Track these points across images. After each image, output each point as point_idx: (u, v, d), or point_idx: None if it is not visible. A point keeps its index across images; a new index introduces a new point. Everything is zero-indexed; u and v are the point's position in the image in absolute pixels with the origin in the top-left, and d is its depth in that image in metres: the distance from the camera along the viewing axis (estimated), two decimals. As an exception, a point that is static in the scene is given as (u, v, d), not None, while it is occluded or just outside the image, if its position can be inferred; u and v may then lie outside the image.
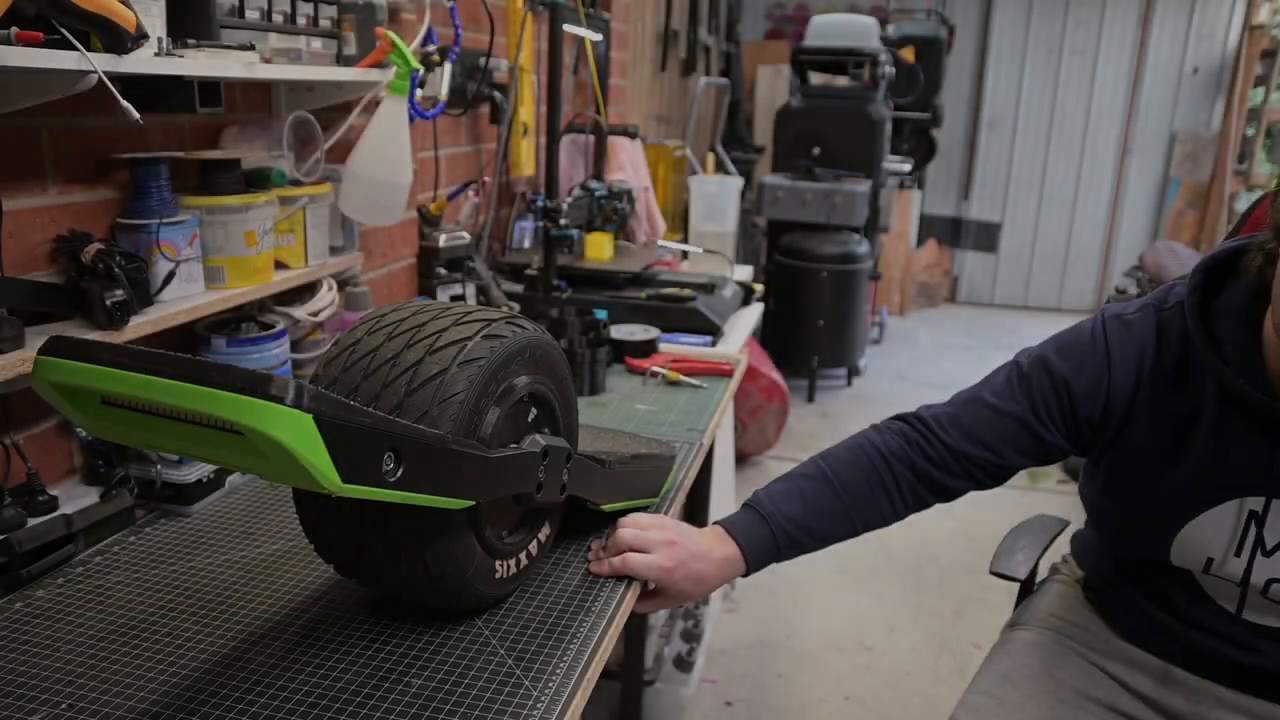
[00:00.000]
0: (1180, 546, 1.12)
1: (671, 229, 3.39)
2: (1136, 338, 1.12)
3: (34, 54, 0.92)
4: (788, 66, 5.53)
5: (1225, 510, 1.07)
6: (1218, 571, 1.10)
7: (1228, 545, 1.08)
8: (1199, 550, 1.10)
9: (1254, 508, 1.06)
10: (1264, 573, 1.07)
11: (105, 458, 1.21)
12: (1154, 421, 1.11)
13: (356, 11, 1.52)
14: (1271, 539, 1.06)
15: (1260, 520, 1.06)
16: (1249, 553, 1.07)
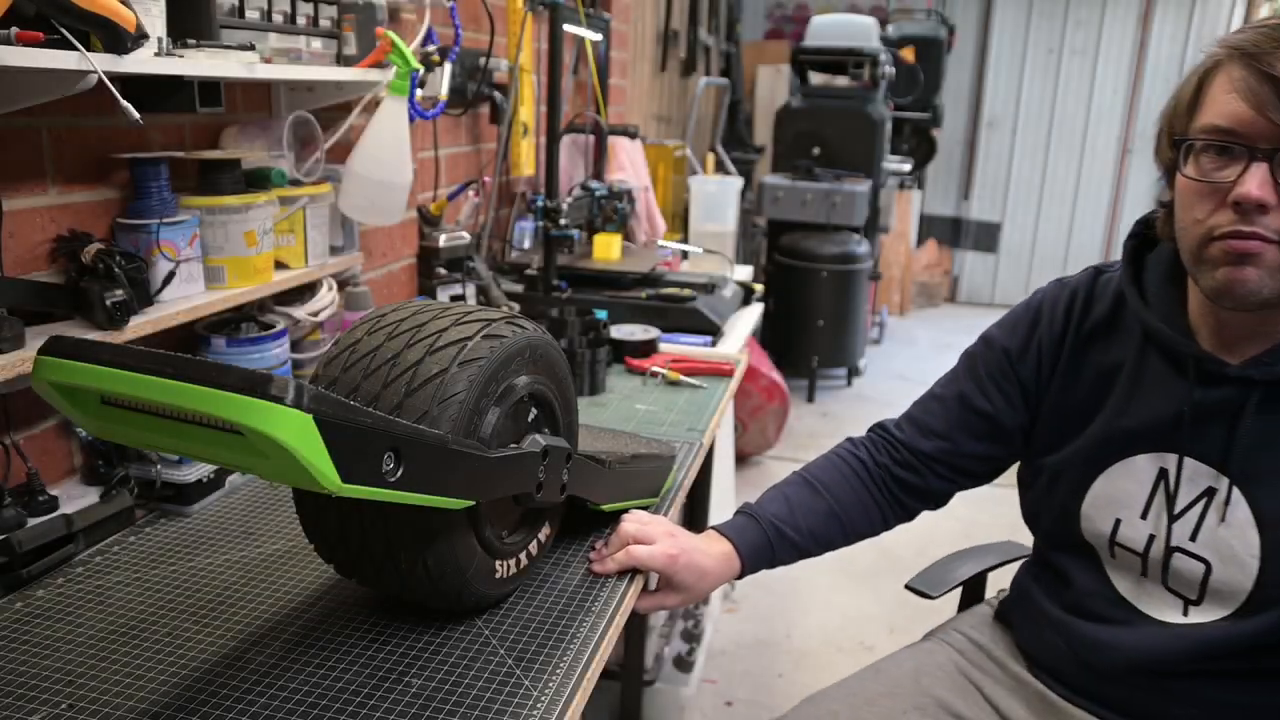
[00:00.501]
0: (1091, 507, 1.07)
1: (671, 229, 3.39)
2: (1068, 293, 1.12)
3: (34, 54, 0.92)
4: (788, 66, 5.54)
5: (1135, 464, 1.04)
6: (1124, 539, 1.05)
7: (1136, 504, 1.04)
8: (1108, 509, 1.06)
9: (1165, 465, 1.02)
10: (1165, 540, 1.02)
11: (105, 458, 1.21)
12: (1080, 374, 1.10)
13: (356, 11, 1.52)
14: (1181, 501, 1.01)
15: (1170, 481, 1.02)
16: (1156, 515, 1.02)
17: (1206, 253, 0.90)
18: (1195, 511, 1.00)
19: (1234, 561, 0.97)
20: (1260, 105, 0.82)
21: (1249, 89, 0.83)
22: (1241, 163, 0.85)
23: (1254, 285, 0.87)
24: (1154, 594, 1.04)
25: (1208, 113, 0.88)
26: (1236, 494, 0.97)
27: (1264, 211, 0.84)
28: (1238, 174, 0.85)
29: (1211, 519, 0.98)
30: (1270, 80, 0.82)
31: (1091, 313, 1.10)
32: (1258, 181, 0.83)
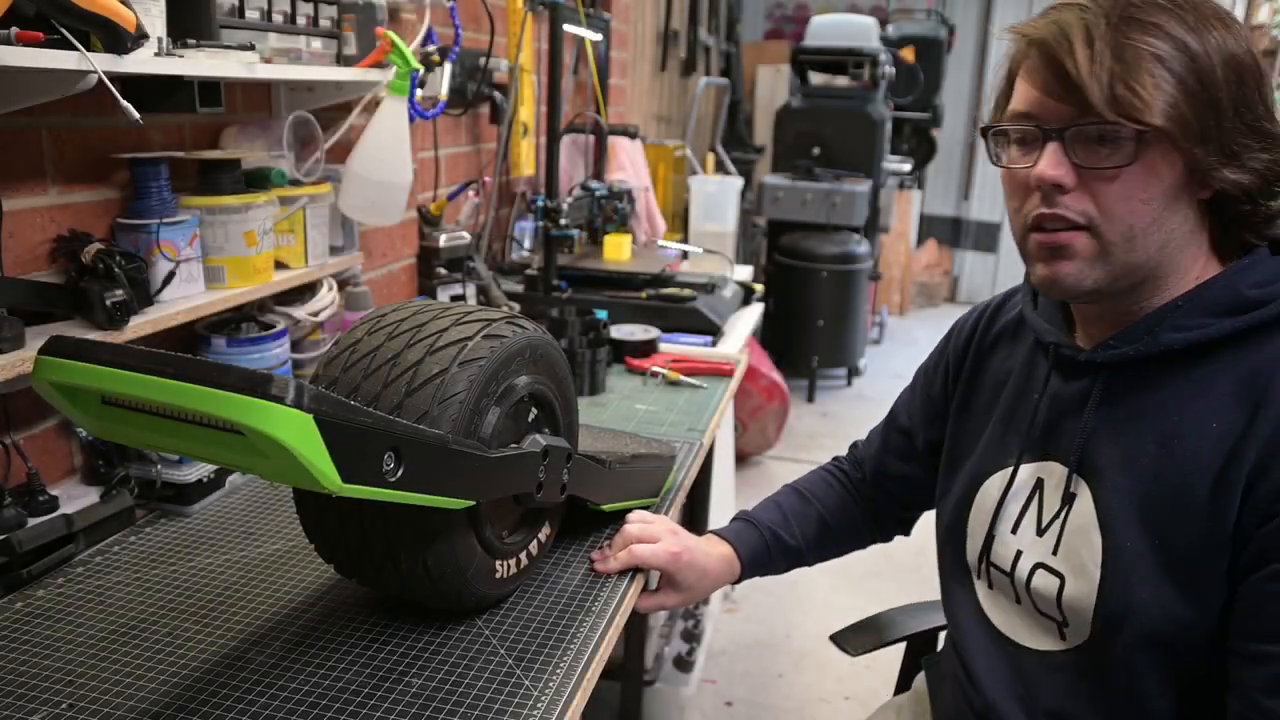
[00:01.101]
0: (974, 522, 1.01)
1: (671, 229, 3.39)
2: (983, 306, 1.12)
3: (34, 54, 0.92)
4: (788, 66, 5.53)
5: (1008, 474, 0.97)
6: (996, 557, 0.97)
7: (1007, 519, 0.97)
8: (982, 524, 0.99)
9: (1040, 474, 0.95)
10: (1031, 556, 0.94)
11: (105, 458, 1.21)
12: (979, 386, 1.07)
13: (356, 11, 1.52)
14: (1048, 511, 0.93)
15: (1041, 490, 0.95)
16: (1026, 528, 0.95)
17: (1028, 247, 0.88)
18: (1059, 522, 0.91)
19: (1080, 572, 0.88)
20: (1049, 88, 0.81)
21: (1036, 73, 0.83)
22: (1039, 145, 0.83)
23: (1073, 279, 0.84)
24: (1028, 622, 0.95)
25: (1014, 102, 0.87)
26: (1086, 494, 0.89)
27: (1064, 192, 0.82)
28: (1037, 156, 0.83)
29: (1070, 529, 0.90)
30: (1054, 63, 0.80)
31: (997, 321, 1.08)
32: (1051, 161, 0.81)
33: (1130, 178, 0.80)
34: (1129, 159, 0.79)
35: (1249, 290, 0.82)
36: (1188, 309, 0.84)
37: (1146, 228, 0.81)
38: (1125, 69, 0.77)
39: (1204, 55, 0.78)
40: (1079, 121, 0.80)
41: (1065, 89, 0.80)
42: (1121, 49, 0.77)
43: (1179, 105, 0.77)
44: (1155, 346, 0.84)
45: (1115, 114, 0.77)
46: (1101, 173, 0.80)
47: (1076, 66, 0.78)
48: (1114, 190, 0.80)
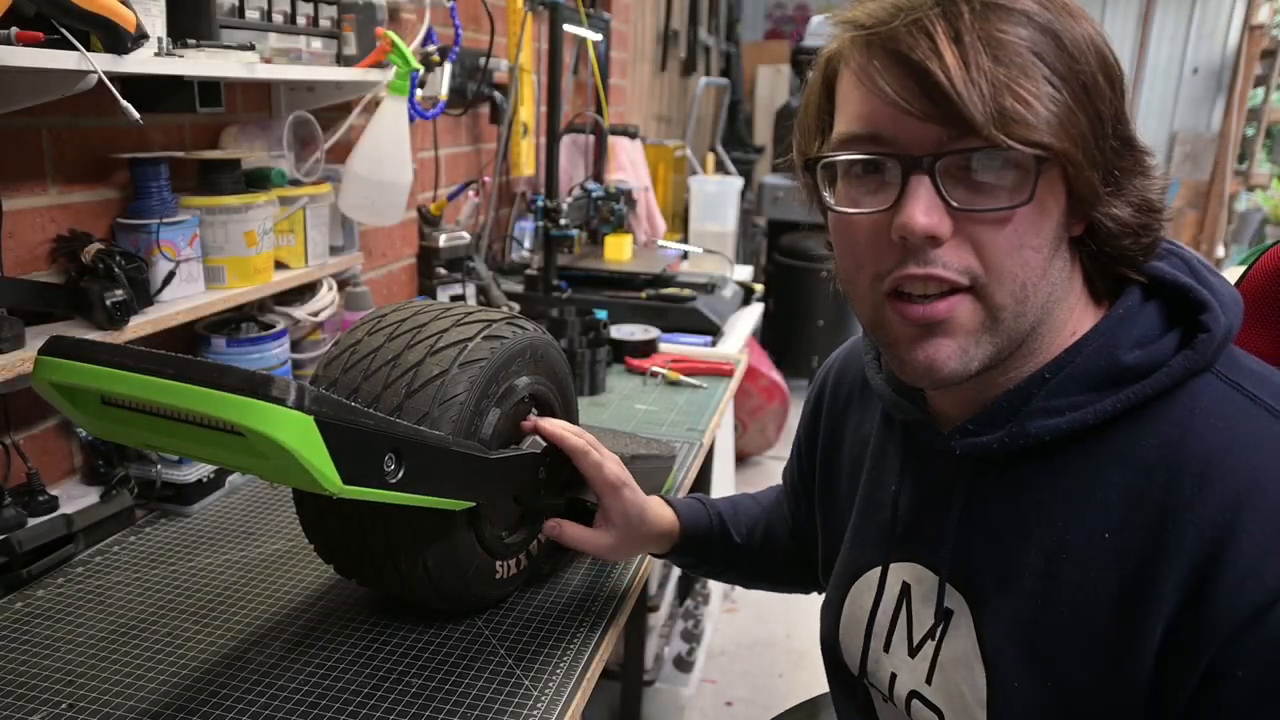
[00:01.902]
0: (845, 632, 0.83)
1: (671, 229, 3.39)
2: (823, 371, 0.95)
3: (34, 54, 0.92)
4: (788, 66, 5.53)
5: (874, 578, 0.79)
6: (873, 677, 0.80)
7: (879, 633, 0.79)
8: (855, 636, 0.81)
9: (904, 577, 0.76)
10: (906, 681, 0.76)
11: (105, 458, 1.21)
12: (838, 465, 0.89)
13: (356, 11, 1.52)
14: (920, 627, 0.74)
15: (908, 597, 0.76)
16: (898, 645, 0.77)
17: (884, 319, 0.65)
18: (932, 644, 0.73)
19: (964, 712, 0.69)
20: (897, 98, 0.59)
21: (878, 78, 0.60)
22: (897, 180, 0.61)
23: (958, 363, 0.63)
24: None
25: (840, 120, 0.64)
26: (966, 616, 0.70)
27: (937, 244, 0.60)
28: (895, 196, 0.61)
29: (945, 657, 0.71)
30: (901, 60, 0.58)
31: (843, 385, 0.89)
32: (923, 205, 0.59)
33: (1023, 219, 0.60)
34: (1026, 194, 0.59)
35: (1127, 355, 0.64)
36: (1057, 384, 0.65)
37: (1038, 282, 0.62)
38: (1008, 73, 0.57)
39: (1080, 53, 0.60)
40: (956, 147, 0.59)
41: (932, 101, 0.58)
42: (997, 45, 0.57)
43: (1070, 118, 0.59)
44: (1022, 436, 0.65)
45: (1005, 135, 0.57)
46: (988, 215, 0.60)
47: (947, 71, 0.56)
48: (1004, 238, 0.60)
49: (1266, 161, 5.92)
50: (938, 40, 0.57)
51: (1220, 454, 0.59)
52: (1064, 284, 0.65)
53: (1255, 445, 0.59)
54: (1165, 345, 0.64)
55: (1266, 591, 0.54)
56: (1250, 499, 0.56)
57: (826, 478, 0.91)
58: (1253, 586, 0.54)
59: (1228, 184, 5.83)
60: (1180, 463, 0.60)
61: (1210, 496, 0.58)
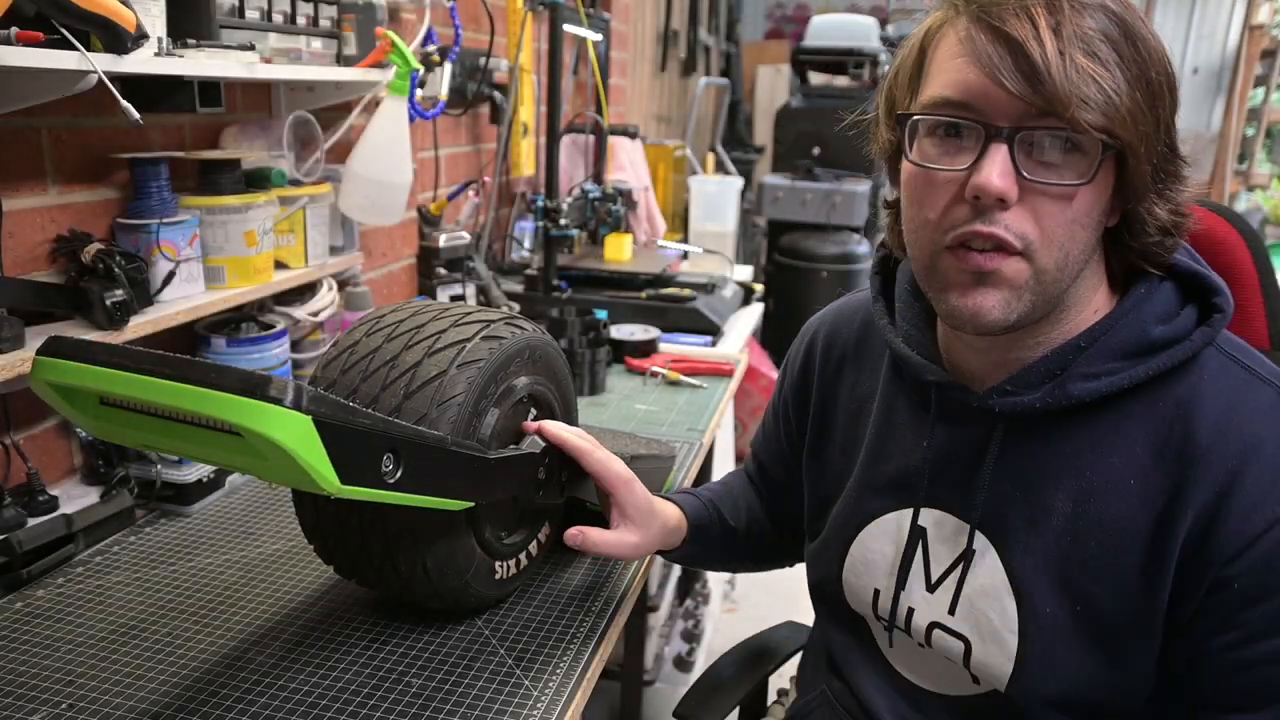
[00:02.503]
0: (851, 574, 0.90)
1: (671, 229, 3.39)
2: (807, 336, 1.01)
3: (34, 54, 0.92)
4: (788, 66, 5.53)
5: (890, 522, 0.87)
6: (883, 613, 0.88)
7: (891, 572, 0.86)
8: (867, 577, 0.89)
9: (922, 522, 0.84)
10: (925, 614, 0.84)
11: (105, 458, 1.21)
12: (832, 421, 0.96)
13: (356, 11, 1.52)
14: (938, 566, 0.83)
15: (927, 540, 0.84)
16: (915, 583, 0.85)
17: (940, 268, 0.72)
18: (954, 578, 0.82)
19: (993, 638, 0.79)
20: (994, 71, 0.65)
21: (980, 51, 0.66)
22: (976, 145, 0.68)
23: (1000, 312, 0.70)
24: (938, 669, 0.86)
25: (934, 83, 0.70)
26: (991, 554, 0.79)
27: (1004, 207, 0.67)
28: (973, 159, 0.68)
29: (970, 589, 0.80)
30: (1004, 38, 0.65)
31: (835, 346, 0.96)
32: (999, 169, 0.66)
33: (1081, 198, 0.68)
34: (1089, 176, 0.67)
35: (1154, 328, 0.74)
36: (1094, 352, 0.74)
37: (1078, 255, 0.71)
38: (1093, 66, 0.64)
39: (1153, 61, 0.67)
40: (1037, 124, 0.66)
41: (1025, 79, 0.64)
42: (1087, 40, 0.64)
43: (1139, 115, 0.66)
44: (1064, 398, 0.74)
45: (1082, 119, 0.64)
46: (1054, 189, 0.67)
47: (1044, 53, 0.63)
48: (1061, 211, 0.68)
49: (1266, 161, 5.92)
50: (1040, 26, 0.64)
51: (1228, 415, 0.71)
52: (1094, 265, 0.74)
53: (1255, 410, 0.72)
54: (1185, 321, 0.74)
55: (1264, 523, 0.68)
56: (1253, 454, 0.69)
57: (819, 433, 0.97)
58: (1254, 519, 0.68)
59: (1228, 184, 5.83)
60: (1195, 422, 0.72)
61: (1222, 450, 0.70)
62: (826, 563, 0.93)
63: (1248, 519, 0.68)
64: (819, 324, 1.01)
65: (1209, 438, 0.71)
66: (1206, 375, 0.73)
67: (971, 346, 0.80)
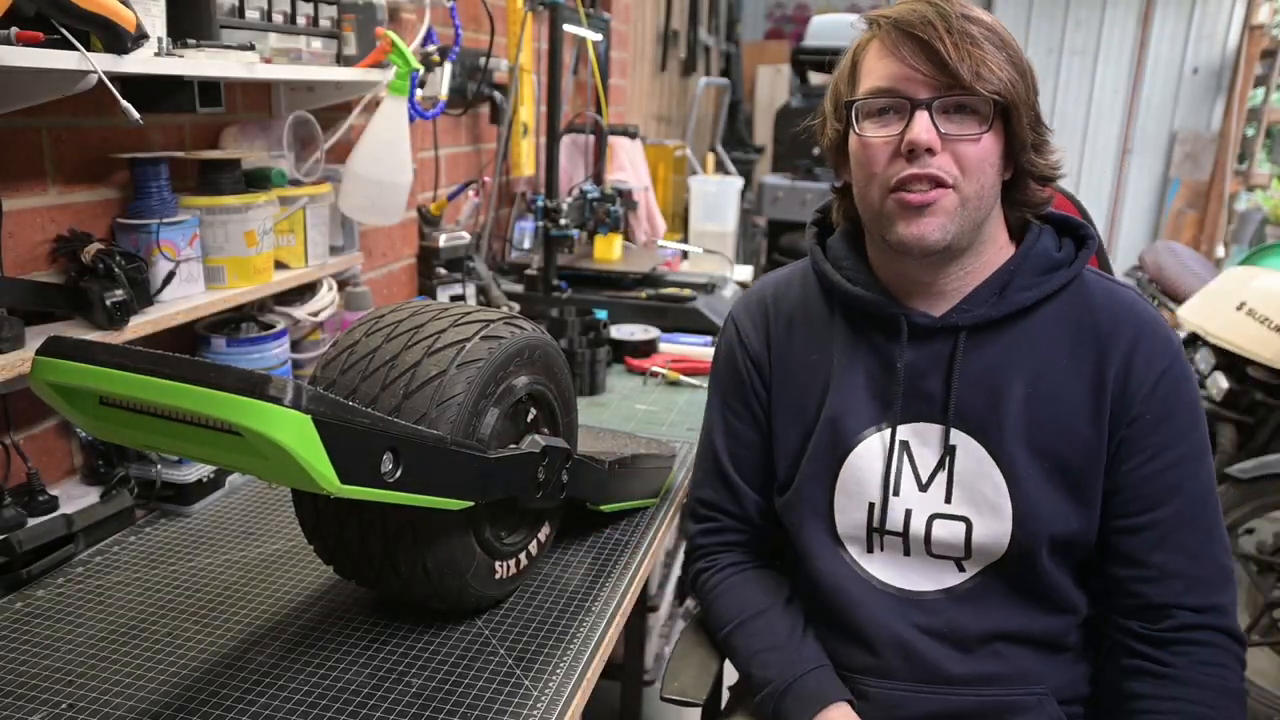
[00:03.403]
0: (843, 494, 1.02)
1: (671, 229, 3.39)
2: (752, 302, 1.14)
3: (34, 54, 0.92)
4: (788, 66, 5.53)
5: (873, 444, 1.02)
6: (882, 523, 1.01)
7: (883, 482, 1.01)
8: (859, 494, 1.02)
9: (904, 436, 1.01)
10: (923, 510, 1.00)
11: (105, 458, 1.21)
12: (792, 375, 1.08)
13: (356, 11, 1.52)
14: (926, 469, 1.00)
15: (911, 450, 1.01)
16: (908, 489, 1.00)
17: (886, 207, 0.95)
18: (943, 474, 1.00)
19: (990, 510, 0.98)
20: (912, 62, 0.91)
21: (900, 50, 0.92)
22: (904, 117, 0.92)
23: (938, 233, 0.93)
24: (922, 569, 1.01)
25: (868, 78, 0.95)
26: (972, 443, 0.99)
27: (931, 154, 0.91)
28: (903, 126, 0.92)
29: (960, 476, 0.99)
30: (915, 39, 0.91)
31: (780, 312, 1.11)
32: (923, 126, 0.91)
33: (986, 142, 0.93)
34: (988, 125, 0.92)
35: (1055, 253, 1.01)
36: (1021, 272, 0.99)
37: (988, 190, 0.95)
38: (981, 53, 0.90)
39: (1017, 53, 0.93)
40: (948, 94, 0.91)
41: (934, 64, 0.90)
42: (973, 38, 0.90)
43: (1016, 82, 0.92)
44: (1010, 305, 0.98)
45: (978, 86, 0.90)
46: (964, 137, 0.92)
47: (945, 47, 0.89)
48: (975, 152, 0.92)
49: (1266, 161, 5.92)
50: (939, 30, 0.90)
51: (1114, 308, 1.00)
52: (997, 212, 1.00)
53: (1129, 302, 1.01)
54: (1069, 248, 1.03)
55: (1158, 371, 0.96)
56: (1142, 328, 0.98)
57: (784, 385, 1.10)
58: (1152, 368, 0.97)
59: (1228, 184, 5.83)
60: (1096, 314, 0.99)
61: (1120, 331, 0.98)
62: (818, 490, 1.05)
63: (1148, 369, 0.96)
64: (758, 298, 1.14)
65: (1109, 324, 0.98)
66: (1089, 286, 1.01)
67: (916, 281, 1.01)
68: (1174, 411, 0.96)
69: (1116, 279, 1.07)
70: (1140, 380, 0.96)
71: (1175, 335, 1.00)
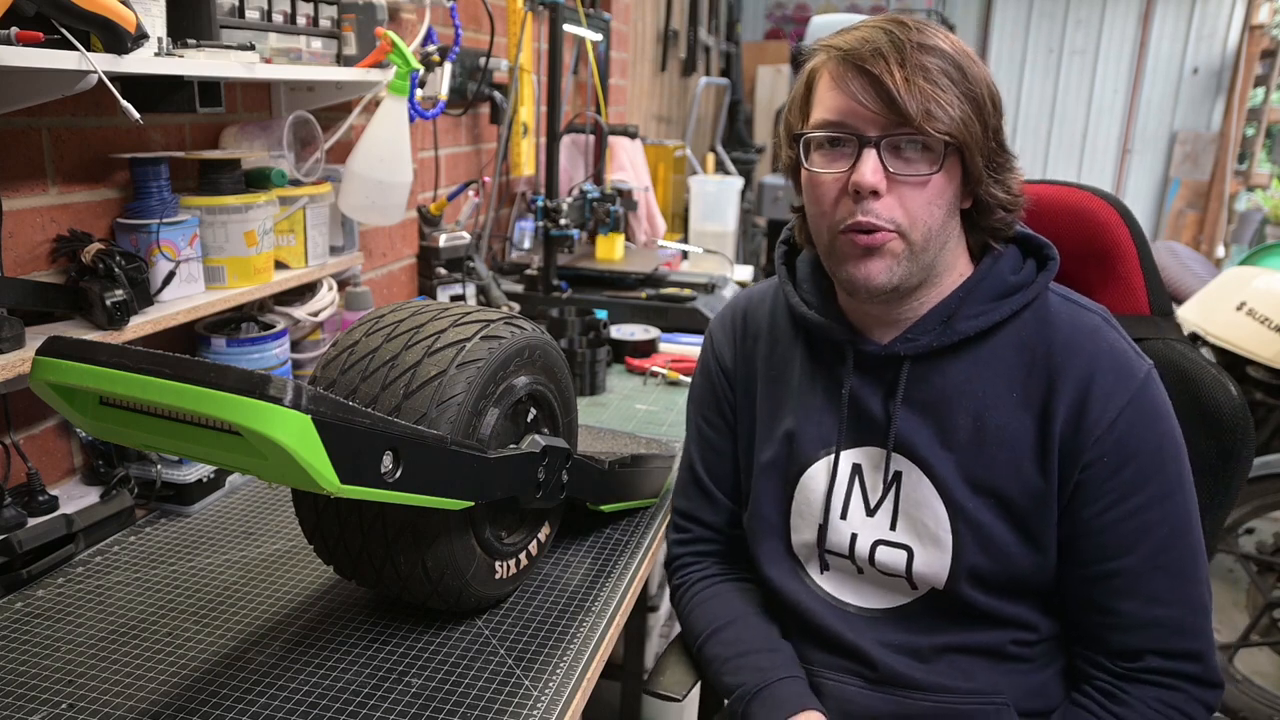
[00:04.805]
0: (797, 517, 1.03)
1: (671, 229, 3.39)
2: (725, 316, 1.15)
3: (34, 54, 0.92)
4: (788, 66, 5.53)
5: (825, 465, 1.01)
6: (831, 544, 1.01)
7: (834, 507, 1.01)
8: (810, 515, 1.02)
9: (856, 460, 1.00)
10: (869, 535, 0.99)
11: (105, 458, 1.21)
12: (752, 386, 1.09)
13: (356, 11, 1.52)
14: (874, 493, 0.99)
15: (861, 474, 1.00)
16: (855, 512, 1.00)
17: (837, 247, 0.93)
18: (889, 500, 0.98)
19: (931, 541, 0.96)
20: (863, 99, 0.87)
21: (849, 84, 0.88)
22: (853, 152, 0.89)
23: (885, 276, 0.91)
24: (875, 587, 1.01)
25: (818, 109, 0.92)
26: (916, 472, 0.97)
27: (877, 197, 0.88)
28: (851, 163, 0.89)
29: (904, 504, 0.98)
30: (865, 73, 0.87)
31: (748, 327, 1.11)
32: (870, 167, 0.87)
33: (934, 185, 0.89)
34: (937, 166, 0.88)
35: (1010, 276, 0.97)
36: (970, 300, 0.95)
37: (939, 231, 0.91)
38: (932, 89, 0.86)
39: (976, 82, 0.89)
40: (895, 132, 0.87)
41: (883, 101, 0.86)
42: (926, 70, 0.86)
43: (969, 121, 0.88)
44: (953, 336, 0.95)
45: (928, 126, 0.86)
46: (911, 179, 0.89)
47: (895, 83, 0.85)
48: (920, 196, 0.89)
49: (1266, 161, 5.92)
50: (890, 63, 0.86)
51: (1073, 337, 0.94)
52: (954, 238, 0.95)
53: (1090, 329, 0.94)
54: (1029, 269, 0.98)
55: (1115, 411, 0.90)
56: (1096, 364, 0.92)
57: (748, 400, 1.11)
58: (1108, 409, 0.90)
59: (1228, 184, 5.83)
60: (1051, 344, 0.94)
61: (1075, 364, 0.92)
62: (772, 508, 1.05)
63: (1103, 410, 0.90)
64: (731, 312, 1.15)
65: (1063, 355, 0.93)
66: (1051, 310, 0.96)
67: (868, 312, 0.99)
68: (1136, 452, 0.90)
69: (1086, 301, 0.99)
70: (1095, 419, 0.90)
71: (1141, 364, 0.93)
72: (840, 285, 0.97)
